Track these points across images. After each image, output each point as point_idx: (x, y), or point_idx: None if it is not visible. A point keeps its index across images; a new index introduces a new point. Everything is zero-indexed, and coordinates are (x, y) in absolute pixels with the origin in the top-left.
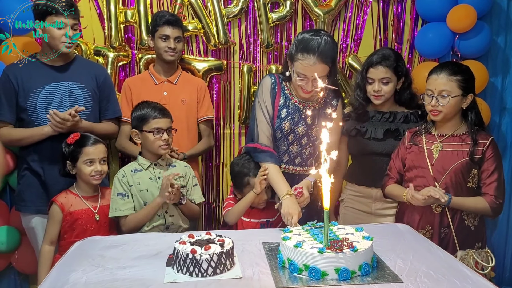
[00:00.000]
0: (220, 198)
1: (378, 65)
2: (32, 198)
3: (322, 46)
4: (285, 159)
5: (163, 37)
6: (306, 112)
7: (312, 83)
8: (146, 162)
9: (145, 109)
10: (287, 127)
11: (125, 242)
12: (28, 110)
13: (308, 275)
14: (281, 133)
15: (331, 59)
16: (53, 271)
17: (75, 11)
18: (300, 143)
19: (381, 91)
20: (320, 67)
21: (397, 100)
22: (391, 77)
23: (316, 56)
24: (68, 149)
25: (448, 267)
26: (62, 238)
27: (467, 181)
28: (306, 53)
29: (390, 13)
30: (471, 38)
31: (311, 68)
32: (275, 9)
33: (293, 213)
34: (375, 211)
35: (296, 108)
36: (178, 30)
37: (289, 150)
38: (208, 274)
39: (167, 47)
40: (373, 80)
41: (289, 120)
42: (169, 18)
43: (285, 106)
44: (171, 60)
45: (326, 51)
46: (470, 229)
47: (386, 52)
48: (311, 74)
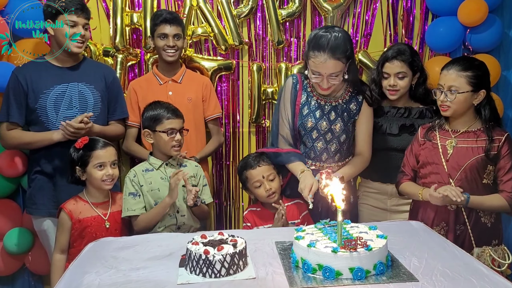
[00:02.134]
0: (231, 198)
1: (394, 59)
2: (43, 201)
3: (332, 42)
4: (311, 155)
5: (162, 35)
6: (328, 108)
7: (328, 80)
8: (158, 161)
9: (158, 109)
10: (310, 123)
11: (138, 243)
12: (38, 111)
13: (322, 275)
14: (304, 130)
15: (344, 54)
16: (66, 273)
17: (86, 12)
18: (325, 139)
19: (396, 85)
20: (332, 63)
21: (412, 95)
22: (407, 71)
23: (327, 53)
24: (77, 154)
25: (464, 265)
26: (71, 246)
27: (483, 178)
28: (317, 50)
29: (400, 7)
30: (483, 31)
31: (323, 65)
32: (283, 6)
33: (303, 187)
34: (391, 207)
35: (318, 105)
36: (176, 27)
37: (314, 146)
38: (221, 275)
39: (166, 45)
40: (388, 75)
41: (311, 117)
42: (166, 16)
43: (306, 103)
44: (171, 60)
45: (336, 47)
46: (487, 226)
47: (401, 47)
48: (324, 71)
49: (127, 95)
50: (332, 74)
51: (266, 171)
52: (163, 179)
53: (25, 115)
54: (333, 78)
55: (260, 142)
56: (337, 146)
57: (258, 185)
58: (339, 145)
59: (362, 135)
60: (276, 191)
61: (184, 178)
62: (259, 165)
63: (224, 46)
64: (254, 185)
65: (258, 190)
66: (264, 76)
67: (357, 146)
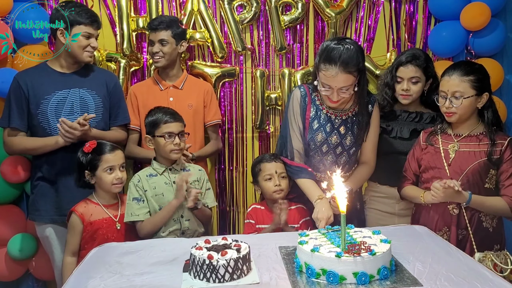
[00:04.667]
0: (234, 203)
1: (409, 64)
2: (46, 208)
3: (344, 55)
4: (320, 168)
5: (150, 42)
6: (339, 122)
7: (338, 93)
8: (161, 167)
9: (157, 114)
10: (320, 138)
11: (142, 248)
12: (39, 117)
13: (326, 280)
14: (314, 144)
15: (356, 68)
16: (71, 278)
17: (98, 23)
18: (335, 153)
19: (409, 90)
20: (343, 77)
21: (424, 101)
22: (421, 77)
23: (338, 66)
24: (85, 158)
25: (468, 270)
26: (83, 248)
27: (485, 182)
28: (328, 63)
29: (403, 12)
30: (486, 36)
31: (334, 78)
32: (286, 12)
33: (321, 217)
34: (399, 211)
35: (327, 119)
36: (163, 32)
37: (324, 160)
38: (225, 280)
39: (152, 51)
40: (402, 79)
41: (321, 131)
42: (152, 22)
43: (316, 117)
44: (158, 66)
45: (348, 61)
46: (488, 231)
47: (416, 52)
48: (335, 84)
49: (127, 98)
50: (342, 87)
51: (280, 168)
52: (167, 184)
53: (27, 120)
54: (343, 92)
55: (263, 147)
56: (347, 159)
57: (269, 178)
58: (348, 157)
59: (370, 145)
60: (284, 189)
61: (187, 179)
62: (275, 161)
63: (220, 54)
64: (265, 178)
65: (267, 183)
66: (267, 81)
67: (363, 155)
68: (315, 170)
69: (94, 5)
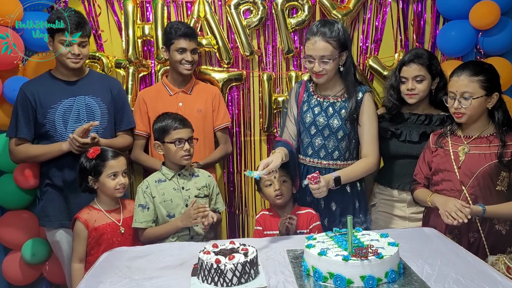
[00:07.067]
0: (242, 206)
1: (411, 62)
2: (55, 213)
3: (322, 25)
4: (309, 152)
5: (180, 50)
6: (326, 104)
7: (319, 63)
8: (170, 172)
9: (166, 120)
10: (308, 119)
11: (151, 253)
12: (47, 126)
13: (333, 283)
14: (303, 125)
15: (334, 38)
16: (82, 283)
17: (84, 29)
18: (323, 135)
19: (415, 89)
20: (322, 45)
21: (432, 101)
22: (425, 75)
23: (318, 35)
24: (89, 164)
25: (477, 273)
26: (89, 254)
27: (496, 184)
28: (309, 34)
29: (410, 12)
30: (495, 34)
31: (313, 46)
32: (293, 15)
33: (262, 161)
34: (410, 215)
35: (317, 103)
36: (194, 42)
37: (312, 142)
38: (233, 284)
39: (184, 60)
40: (406, 79)
41: (309, 112)
42: (185, 30)
43: (307, 101)
44: (187, 74)
45: (326, 30)
46: (501, 234)
47: (419, 51)
48: (315, 53)
49: (136, 104)
50: (323, 57)
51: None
52: (175, 190)
53: (33, 130)
54: (324, 62)
55: (271, 150)
56: (335, 143)
57: (269, 184)
58: (337, 141)
59: (365, 137)
60: (284, 193)
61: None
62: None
63: (227, 60)
64: (265, 184)
65: (268, 189)
66: (274, 85)
67: (362, 149)
68: (304, 155)
69: (102, 12)
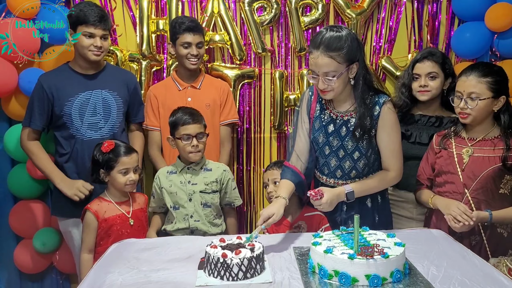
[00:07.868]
0: (251, 203)
1: (425, 59)
2: (68, 203)
3: (326, 39)
4: (325, 171)
5: (185, 44)
6: (340, 123)
7: (323, 80)
8: (181, 165)
9: (177, 115)
10: (321, 139)
11: (159, 245)
12: (64, 118)
13: (338, 281)
14: (317, 145)
15: (338, 52)
16: (91, 272)
17: (105, 23)
18: (337, 156)
19: (427, 86)
20: (325, 61)
21: (444, 103)
22: (438, 72)
23: (320, 49)
24: (102, 157)
25: (483, 275)
26: (98, 245)
27: (499, 188)
28: (312, 46)
29: (425, 13)
30: (511, 37)
31: (315, 61)
32: (306, 13)
33: (261, 213)
34: (417, 216)
35: (330, 119)
36: (199, 36)
37: (328, 162)
38: (238, 278)
39: (190, 53)
40: (419, 76)
41: (322, 131)
42: (189, 24)
43: (319, 117)
44: (193, 68)
45: (330, 43)
46: (503, 236)
47: (432, 49)
48: (318, 69)
49: (146, 100)
50: (327, 73)
51: (271, 175)
52: (181, 183)
53: (47, 122)
54: (328, 79)
55: (282, 148)
56: (351, 163)
57: (265, 186)
58: (353, 162)
59: (385, 151)
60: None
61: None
62: (269, 169)
63: (239, 56)
64: (264, 185)
65: (265, 190)
66: (286, 82)
67: (383, 162)
68: (321, 173)
69: (118, 7)
